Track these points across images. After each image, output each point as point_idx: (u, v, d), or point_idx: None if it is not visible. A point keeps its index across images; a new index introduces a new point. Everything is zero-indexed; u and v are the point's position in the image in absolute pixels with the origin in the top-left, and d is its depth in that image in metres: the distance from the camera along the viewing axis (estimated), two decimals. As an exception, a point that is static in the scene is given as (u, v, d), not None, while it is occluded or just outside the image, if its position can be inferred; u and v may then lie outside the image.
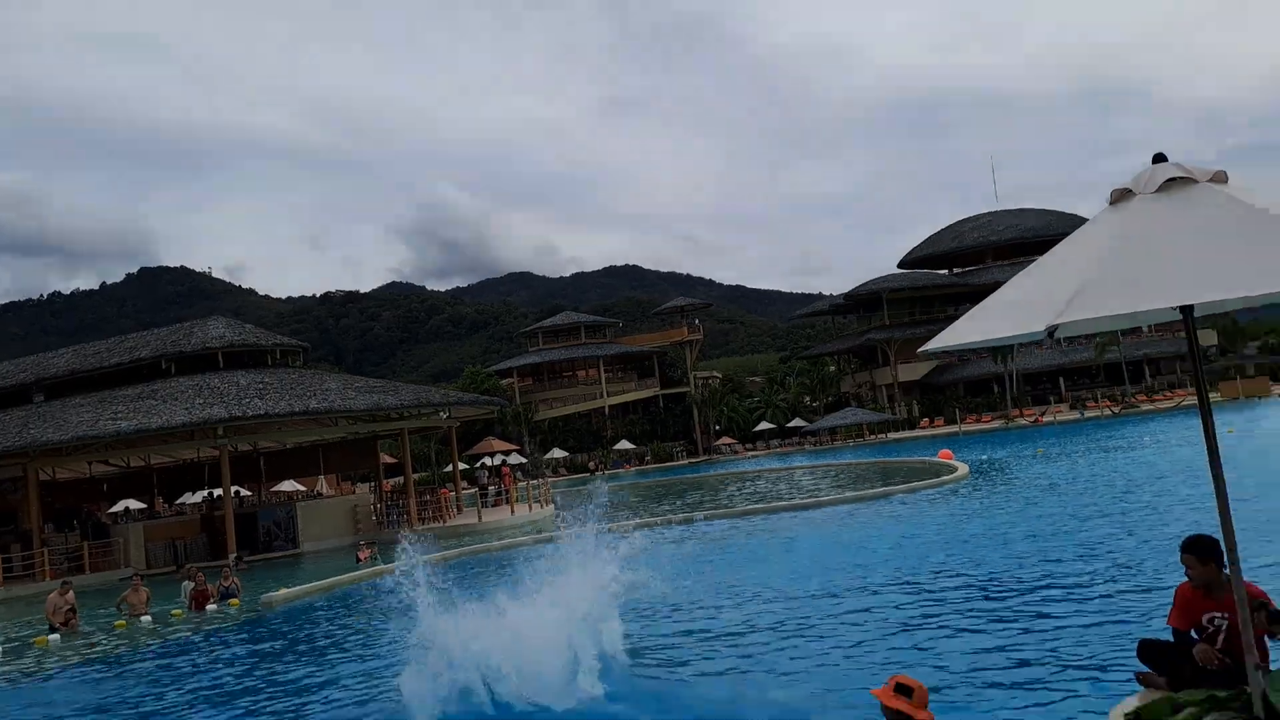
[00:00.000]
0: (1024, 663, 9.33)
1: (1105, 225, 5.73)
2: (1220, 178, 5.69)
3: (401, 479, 47.25)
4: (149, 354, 39.60)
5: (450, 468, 53.21)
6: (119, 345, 42.67)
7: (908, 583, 14.51)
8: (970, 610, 12.13)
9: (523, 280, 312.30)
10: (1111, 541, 16.25)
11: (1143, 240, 5.38)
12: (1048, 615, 11.30)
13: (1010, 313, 5.64)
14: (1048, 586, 13.03)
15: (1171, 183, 5.64)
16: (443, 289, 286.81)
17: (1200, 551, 6.51)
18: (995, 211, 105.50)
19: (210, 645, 16.88)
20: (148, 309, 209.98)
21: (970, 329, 5.79)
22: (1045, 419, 75.96)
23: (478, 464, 79.44)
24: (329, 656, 14.51)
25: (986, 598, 12.81)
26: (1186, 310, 5.87)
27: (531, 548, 24.78)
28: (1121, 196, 5.85)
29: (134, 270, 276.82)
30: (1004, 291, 5.87)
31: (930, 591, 13.68)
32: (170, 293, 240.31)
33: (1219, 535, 6.00)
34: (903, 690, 6.12)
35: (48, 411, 37.45)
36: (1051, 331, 6.59)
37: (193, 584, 21.91)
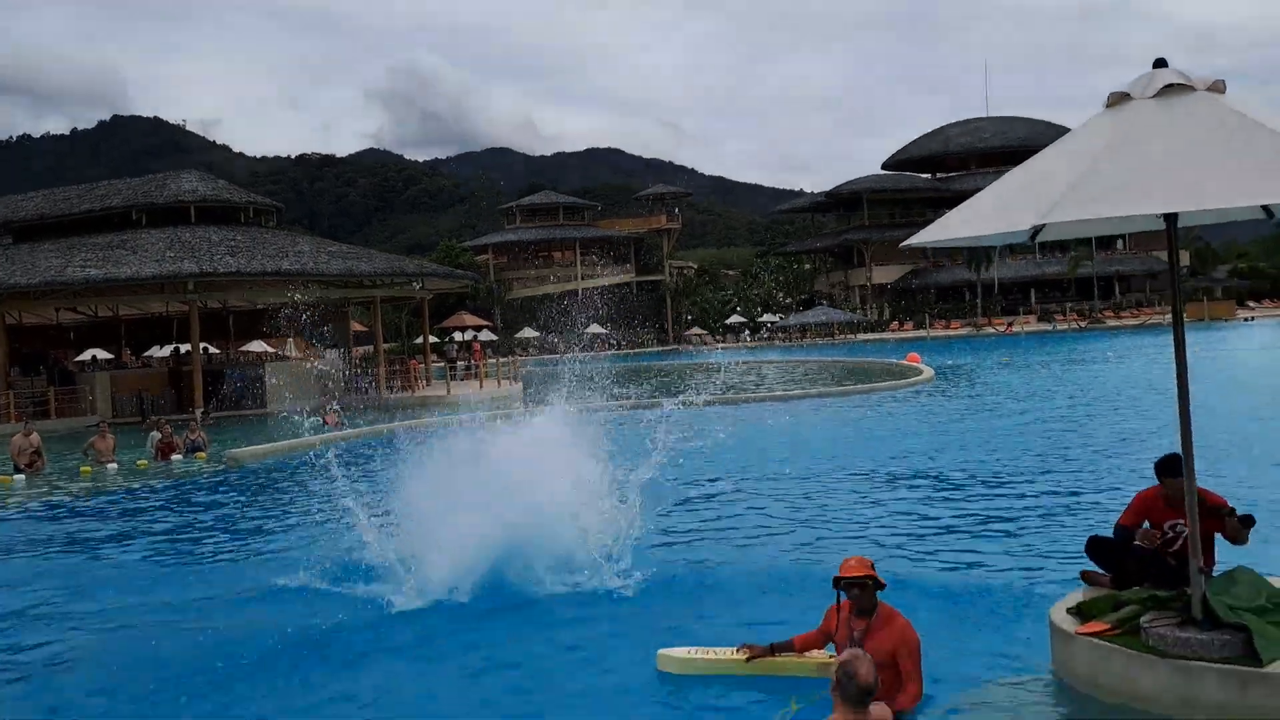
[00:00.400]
0: (972, 555, 9.61)
1: (1099, 128, 5.69)
2: (1219, 88, 5.65)
3: (371, 348, 47.21)
4: (120, 203, 38.89)
5: (421, 340, 53.19)
6: (90, 192, 41.82)
7: (867, 474, 14.83)
8: (925, 504, 12.45)
9: (502, 156, 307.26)
10: (1066, 447, 16.64)
11: (1135, 145, 5.36)
12: (999, 513, 11.62)
13: (997, 210, 5.63)
14: (1001, 486, 13.37)
15: (1169, 89, 5.59)
16: (420, 159, 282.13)
17: (1176, 470, 6.45)
18: (983, 118, 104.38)
19: (174, 494, 17.06)
20: (120, 159, 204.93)
21: (956, 224, 5.80)
22: (1014, 329, 76.76)
23: (447, 338, 79.40)
24: (290, 511, 14.74)
25: (941, 493, 13.14)
26: (1170, 219, 5.90)
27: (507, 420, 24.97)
28: (1118, 100, 5.80)
29: (106, 117, 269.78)
30: (993, 189, 5.85)
31: (887, 484, 14.00)
32: (143, 144, 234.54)
33: (1178, 443, 6.14)
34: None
35: (15, 254, 36.90)
36: (1035, 233, 6.62)
37: (159, 435, 21.97)
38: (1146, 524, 6.75)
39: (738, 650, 6.42)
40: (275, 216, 42.18)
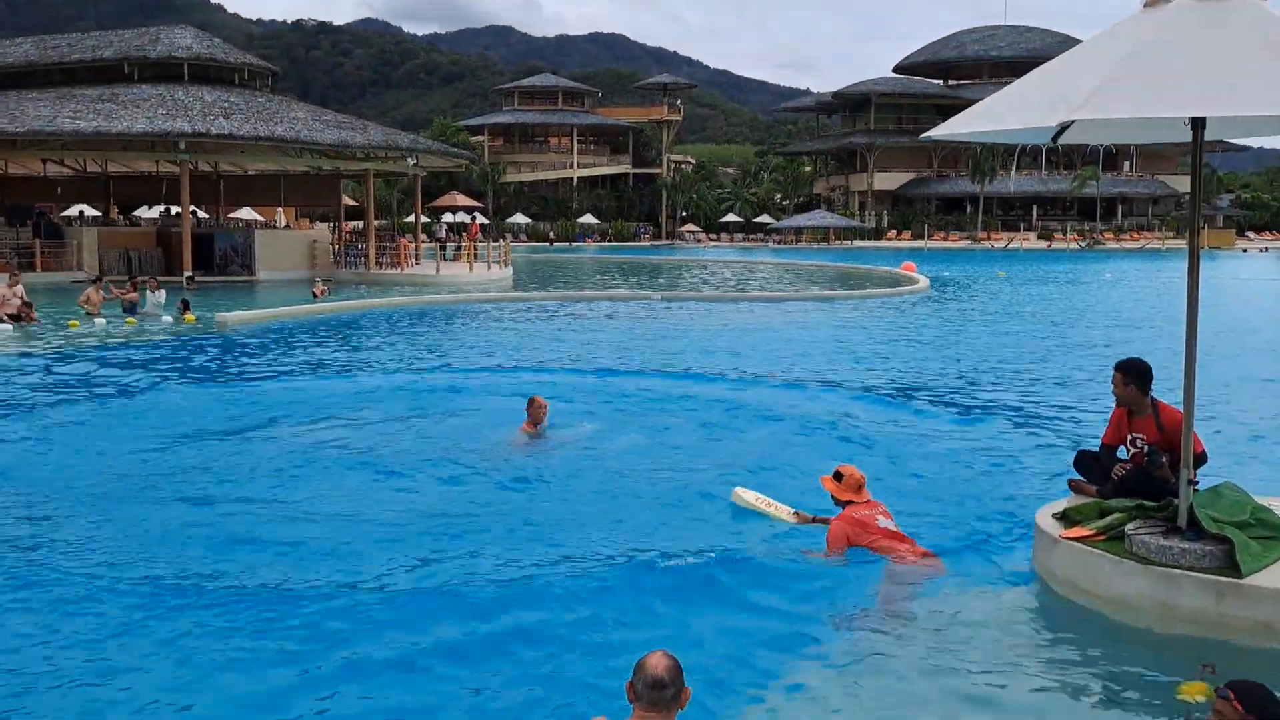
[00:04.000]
0: (959, 459, 9.65)
1: (1136, 27, 5.54)
2: (1261, -8, 5.48)
3: (361, 223, 46.65)
4: (112, 55, 37.90)
5: (412, 218, 52.61)
6: (81, 42, 40.73)
7: (854, 377, 14.85)
8: (915, 408, 12.49)
9: (503, 35, 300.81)
10: (1058, 363, 16.69)
11: (1172, 46, 5.22)
12: (988, 421, 11.65)
13: (1026, 104, 5.48)
14: (991, 396, 13.42)
15: (1211, -9, 5.42)
16: (419, 33, 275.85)
17: (1124, 370, 6.77)
18: (1000, 26, 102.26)
19: (161, 349, 17.03)
20: (111, 15, 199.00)
21: (981, 116, 5.65)
22: (1013, 245, 76.49)
23: (437, 219, 78.51)
24: (275, 367, 14.73)
25: (931, 400, 13.17)
26: (1198, 125, 5.76)
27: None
28: (1158, 0, 5.63)
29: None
30: (1022, 82, 5.72)
31: (877, 387, 14.02)
32: (135, 1, 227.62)
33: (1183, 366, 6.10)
34: (836, 476, 6.53)
35: (2, 102, 36.04)
36: (1059, 132, 6.48)
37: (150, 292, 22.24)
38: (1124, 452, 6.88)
39: (793, 513, 7.60)
40: (271, 80, 41.23)
